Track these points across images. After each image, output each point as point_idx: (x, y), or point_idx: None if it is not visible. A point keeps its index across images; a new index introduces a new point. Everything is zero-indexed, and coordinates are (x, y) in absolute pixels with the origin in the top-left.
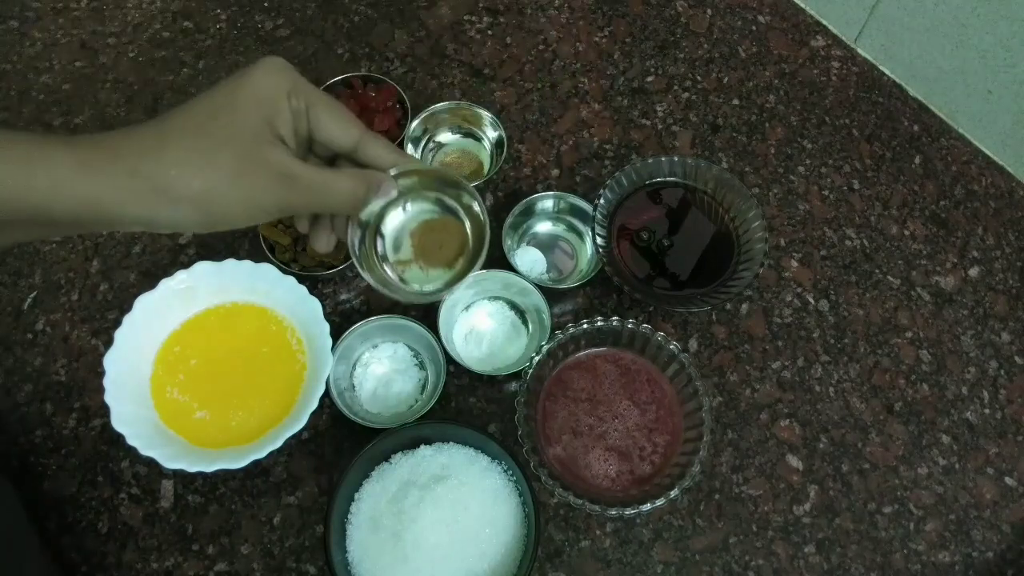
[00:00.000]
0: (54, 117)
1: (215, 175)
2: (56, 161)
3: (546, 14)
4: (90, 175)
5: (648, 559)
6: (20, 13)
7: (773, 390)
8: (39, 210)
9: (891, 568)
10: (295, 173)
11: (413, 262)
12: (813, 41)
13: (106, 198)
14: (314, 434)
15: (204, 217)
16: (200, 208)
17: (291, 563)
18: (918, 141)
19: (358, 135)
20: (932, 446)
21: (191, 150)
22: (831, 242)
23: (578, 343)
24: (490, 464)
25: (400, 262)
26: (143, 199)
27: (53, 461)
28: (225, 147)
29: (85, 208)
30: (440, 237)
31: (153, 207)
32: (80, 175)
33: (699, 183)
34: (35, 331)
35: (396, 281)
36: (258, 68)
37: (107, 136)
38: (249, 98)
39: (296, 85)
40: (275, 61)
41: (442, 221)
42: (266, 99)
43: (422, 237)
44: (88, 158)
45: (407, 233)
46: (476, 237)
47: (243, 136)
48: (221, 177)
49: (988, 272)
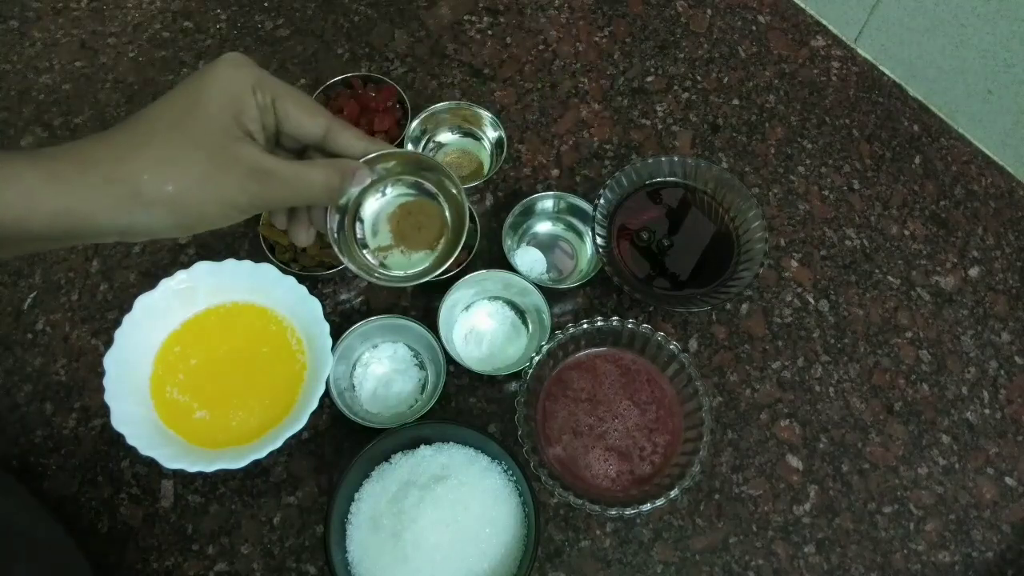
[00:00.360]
0: (54, 117)
1: (187, 177)
2: (23, 176)
3: (546, 14)
4: (60, 185)
5: (648, 559)
6: (20, 13)
7: (773, 390)
8: (13, 227)
9: (891, 568)
10: (268, 168)
11: (394, 247)
12: (813, 41)
13: (80, 208)
14: (314, 434)
15: (179, 219)
16: (174, 211)
17: (291, 563)
18: (918, 141)
19: (326, 124)
20: (932, 446)
21: (161, 153)
22: (831, 242)
23: (578, 343)
24: (490, 464)
25: (381, 248)
26: (117, 205)
27: (53, 461)
28: (195, 148)
29: (59, 220)
30: (418, 219)
31: (127, 213)
32: (51, 187)
33: (699, 183)
34: (35, 331)
35: (378, 267)
36: (219, 65)
37: (74, 145)
38: (214, 96)
39: (260, 79)
40: (235, 57)
41: (419, 203)
42: (231, 96)
43: (400, 221)
44: (56, 169)
45: (385, 219)
46: (456, 216)
47: (212, 135)
48: (194, 178)
49: (988, 272)
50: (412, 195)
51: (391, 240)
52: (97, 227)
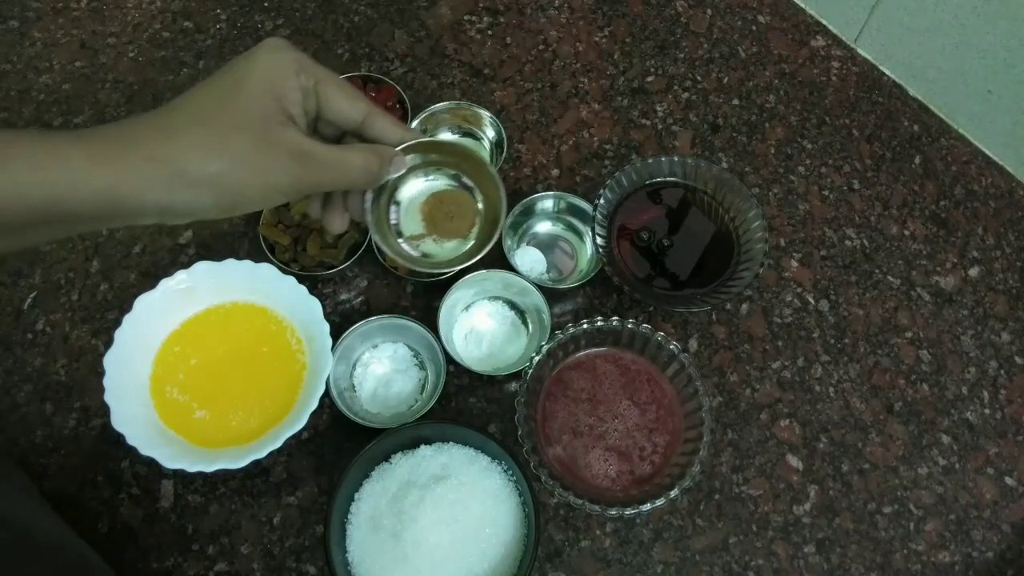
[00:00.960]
0: (54, 117)
1: (231, 158)
2: (70, 156)
3: (546, 14)
4: (106, 165)
5: (648, 559)
6: (20, 13)
7: (773, 390)
8: (59, 207)
9: (891, 568)
10: (310, 151)
11: (426, 235)
12: (813, 41)
13: (124, 187)
14: (314, 434)
15: (220, 200)
16: (217, 192)
17: (291, 563)
18: (918, 141)
19: (366, 110)
20: (932, 446)
21: (206, 134)
22: (831, 242)
23: (578, 343)
24: (490, 464)
25: (413, 237)
26: (160, 185)
27: (53, 461)
28: (239, 130)
29: (103, 199)
30: (450, 209)
31: (170, 192)
32: (96, 167)
33: (699, 183)
34: (35, 331)
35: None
36: (262, 49)
37: (117, 126)
38: (258, 80)
39: (303, 64)
40: (278, 41)
41: (451, 193)
42: (275, 80)
43: (432, 209)
44: (100, 149)
45: (417, 207)
46: (490, 206)
47: (256, 118)
48: (237, 160)
49: (988, 272)
50: (446, 185)
51: (423, 228)
52: (140, 206)
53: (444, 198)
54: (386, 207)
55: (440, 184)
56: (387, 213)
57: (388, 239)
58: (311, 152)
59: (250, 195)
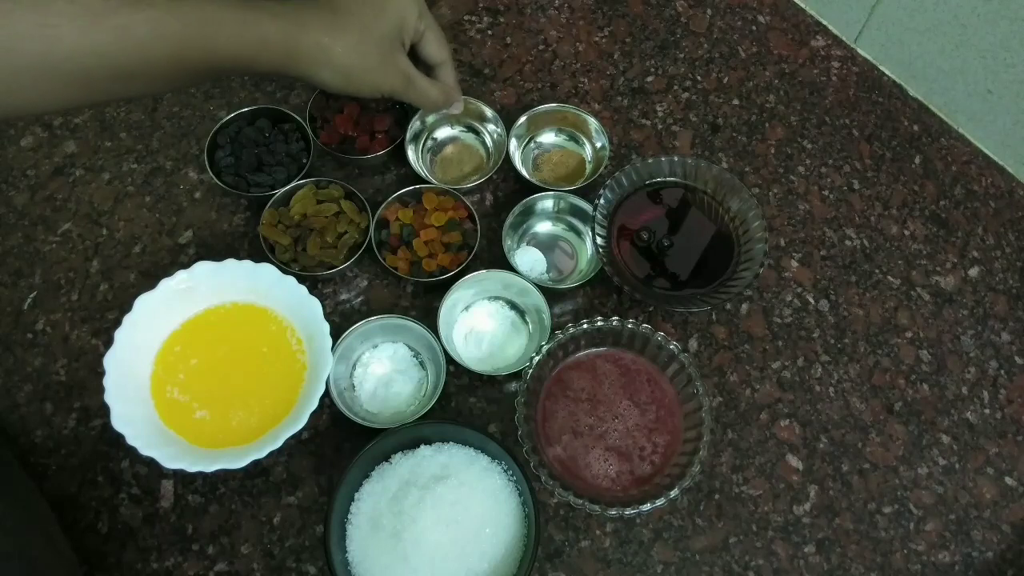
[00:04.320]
0: (54, 117)
1: (363, 61)
2: (265, 26)
3: (546, 14)
4: (287, 40)
5: (648, 559)
6: None
7: (773, 390)
8: (246, 61)
9: (891, 568)
10: (412, 75)
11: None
12: (813, 41)
13: (293, 56)
14: (314, 434)
15: (343, 83)
16: (345, 77)
17: (291, 563)
18: (918, 141)
19: (445, 59)
20: (932, 446)
21: (356, 41)
22: (831, 242)
23: (578, 343)
24: (490, 464)
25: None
26: (316, 61)
27: (53, 461)
28: (374, 45)
29: (276, 61)
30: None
31: (319, 66)
32: (280, 39)
33: (699, 183)
34: (35, 331)
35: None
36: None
37: (296, 11)
38: (394, 11)
39: (423, 11)
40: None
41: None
42: (404, 16)
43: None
44: (286, 26)
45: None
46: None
47: (388, 40)
48: (368, 66)
49: (988, 272)
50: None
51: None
52: (297, 70)
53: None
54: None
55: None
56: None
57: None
58: (412, 76)
59: (363, 88)
